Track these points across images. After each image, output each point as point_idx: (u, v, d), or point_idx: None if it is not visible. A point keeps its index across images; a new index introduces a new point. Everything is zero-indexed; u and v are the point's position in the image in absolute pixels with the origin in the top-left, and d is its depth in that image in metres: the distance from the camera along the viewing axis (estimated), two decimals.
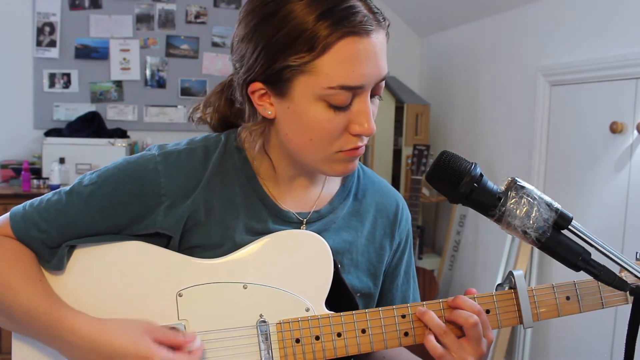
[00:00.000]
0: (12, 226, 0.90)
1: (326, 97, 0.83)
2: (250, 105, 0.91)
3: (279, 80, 0.84)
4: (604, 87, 2.35)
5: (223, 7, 3.90)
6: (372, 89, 0.86)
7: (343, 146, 0.87)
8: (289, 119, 0.87)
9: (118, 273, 0.90)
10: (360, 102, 0.85)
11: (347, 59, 0.81)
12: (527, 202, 0.78)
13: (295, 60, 0.81)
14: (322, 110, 0.84)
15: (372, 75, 0.84)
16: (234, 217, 0.93)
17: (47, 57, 3.67)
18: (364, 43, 0.82)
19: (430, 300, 0.93)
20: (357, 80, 0.82)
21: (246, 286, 0.90)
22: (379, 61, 0.84)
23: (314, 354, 0.89)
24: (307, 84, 0.83)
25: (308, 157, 0.89)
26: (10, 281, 0.86)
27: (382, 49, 0.85)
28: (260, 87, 0.87)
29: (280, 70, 0.83)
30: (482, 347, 0.89)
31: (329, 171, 0.91)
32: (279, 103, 0.87)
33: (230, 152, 0.96)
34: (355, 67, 0.81)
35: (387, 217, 1.06)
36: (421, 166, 3.24)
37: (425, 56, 4.18)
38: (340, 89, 0.82)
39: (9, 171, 3.48)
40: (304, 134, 0.86)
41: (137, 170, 0.91)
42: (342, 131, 0.86)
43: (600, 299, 0.94)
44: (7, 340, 2.90)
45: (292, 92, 0.84)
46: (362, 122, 0.85)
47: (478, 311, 0.89)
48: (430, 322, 0.90)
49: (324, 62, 0.81)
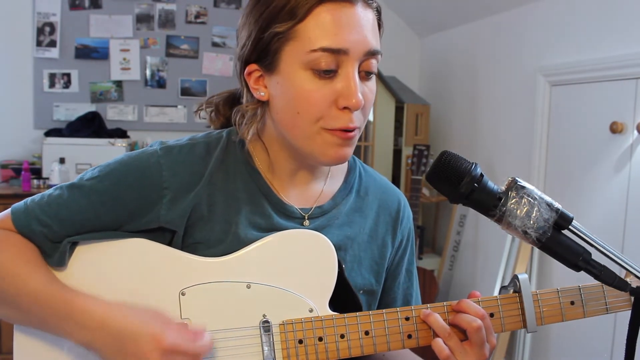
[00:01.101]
0: (13, 220, 0.90)
1: (311, 63, 0.85)
2: (248, 91, 0.94)
3: (268, 54, 0.87)
4: (604, 87, 2.36)
5: (223, 7, 3.90)
6: (361, 64, 0.87)
7: (330, 123, 0.87)
8: (279, 96, 0.89)
9: (120, 270, 0.90)
10: (345, 73, 0.86)
11: (328, 22, 0.84)
12: (527, 202, 0.78)
13: (279, 27, 0.85)
14: (308, 79, 0.85)
15: (355, 42, 0.85)
16: (237, 213, 0.93)
17: (47, 57, 3.67)
18: (346, 11, 0.85)
19: (435, 303, 0.93)
20: (339, 44, 0.84)
21: (249, 286, 0.90)
22: (363, 31, 0.86)
23: (317, 355, 0.89)
24: (292, 52, 0.85)
25: (297, 135, 0.89)
26: (16, 270, 0.86)
27: (368, 23, 0.87)
28: (255, 69, 0.90)
29: (268, 42, 0.86)
30: (485, 351, 0.89)
31: (320, 156, 0.90)
32: (270, 81, 0.90)
33: (232, 148, 0.97)
34: (336, 31, 0.84)
35: (389, 215, 1.06)
36: (421, 166, 3.24)
37: (425, 56, 4.18)
38: (323, 51, 0.84)
39: (9, 171, 3.48)
40: (291, 108, 0.88)
41: (139, 164, 0.92)
42: (330, 104, 0.86)
43: (605, 304, 0.94)
44: (8, 340, 2.90)
45: (280, 64, 0.87)
46: (348, 95, 0.85)
47: (482, 315, 0.89)
48: (435, 324, 0.90)
49: (306, 26, 0.84)
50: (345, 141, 0.89)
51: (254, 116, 0.94)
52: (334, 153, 0.89)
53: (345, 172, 1.05)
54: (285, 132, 0.92)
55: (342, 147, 0.89)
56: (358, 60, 0.86)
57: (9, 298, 0.86)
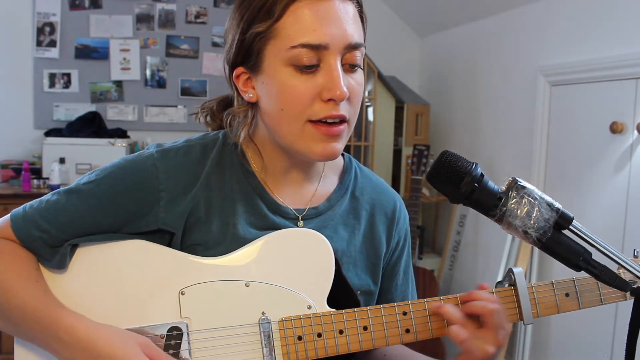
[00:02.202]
0: (12, 227, 0.91)
1: (292, 59, 0.85)
2: (238, 94, 0.95)
3: (252, 54, 0.88)
4: (604, 87, 2.36)
5: (223, 7, 3.91)
6: (344, 57, 0.87)
7: (314, 114, 0.87)
8: (264, 95, 0.90)
9: (120, 271, 0.90)
10: (327, 66, 0.86)
11: (307, 17, 0.84)
12: (528, 202, 0.78)
13: (259, 27, 0.86)
14: (291, 75, 0.86)
15: (334, 36, 0.85)
16: (234, 213, 0.94)
17: (47, 57, 3.67)
18: (324, 5, 0.85)
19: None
20: (318, 39, 0.84)
21: (248, 284, 0.90)
22: (343, 24, 0.86)
23: (316, 351, 0.89)
24: (273, 50, 0.86)
25: (284, 133, 0.90)
26: (7, 284, 0.86)
27: (347, 16, 0.87)
28: (242, 72, 0.92)
29: (251, 42, 0.87)
30: (500, 337, 0.88)
31: (307, 152, 0.90)
32: (257, 82, 0.90)
33: (228, 149, 0.97)
34: (314, 26, 0.84)
35: (385, 215, 1.06)
36: (421, 166, 3.24)
37: (425, 56, 4.18)
38: (302, 47, 0.84)
39: (9, 171, 3.48)
40: (276, 105, 0.88)
41: (136, 168, 0.92)
42: (313, 98, 0.86)
43: (599, 296, 0.95)
44: (8, 340, 2.91)
45: (264, 64, 0.88)
46: (331, 87, 0.85)
47: (494, 301, 0.90)
48: (448, 313, 0.90)
49: (285, 23, 0.85)
50: (332, 137, 0.88)
51: (245, 118, 0.94)
52: (321, 149, 0.89)
53: (340, 172, 1.05)
54: (273, 132, 0.92)
55: (329, 143, 0.89)
56: (339, 53, 0.86)
57: (1, 310, 0.87)
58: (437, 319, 0.92)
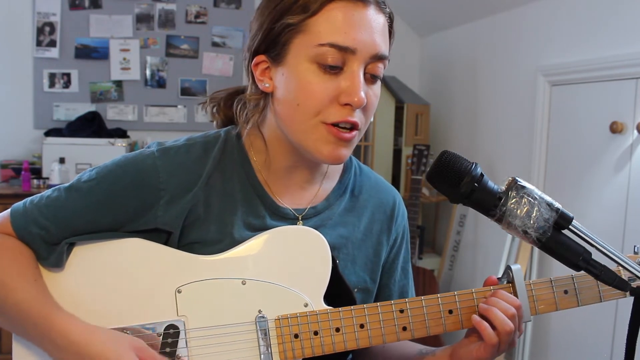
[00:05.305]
0: (12, 223, 0.91)
1: (317, 57, 0.85)
2: (253, 82, 0.95)
3: (277, 44, 0.88)
4: (604, 87, 2.35)
5: (223, 7, 3.90)
6: (367, 67, 0.87)
7: (330, 116, 0.87)
8: (282, 87, 0.90)
9: (117, 270, 0.90)
10: (350, 71, 0.86)
11: (339, 19, 0.85)
12: (527, 202, 0.78)
13: (291, 19, 0.86)
14: (313, 73, 0.86)
15: (364, 42, 0.86)
16: (233, 213, 0.94)
17: (47, 57, 3.67)
18: (358, 11, 0.86)
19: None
20: (347, 42, 0.85)
21: (245, 282, 0.91)
22: (373, 34, 0.87)
23: (313, 349, 0.89)
24: (301, 44, 0.86)
25: (294, 128, 0.90)
26: (4, 280, 0.86)
27: (379, 27, 0.88)
28: (262, 60, 0.91)
29: (279, 32, 0.87)
30: (515, 338, 0.89)
31: (315, 152, 0.90)
32: (276, 72, 0.90)
33: (229, 148, 0.97)
34: (346, 29, 0.85)
35: (384, 213, 1.06)
36: (421, 166, 3.23)
37: (425, 56, 4.18)
38: (330, 46, 0.85)
39: (9, 171, 3.48)
40: (292, 99, 0.88)
41: (136, 167, 0.92)
42: (331, 100, 0.87)
43: (598, 293, 0.95)
44: (8, 340, 2.90)
45: (288, 56, 0.88)
46: (351, 92, 0.86)
47: (517, 305, 0.90)
48: (498, 304, 0.89)
49: (317, 21, 0.85)
50: (341, 141, 0.88)
51: (256, 107, 0.94)
52: (328, 151, 0.89)
53: (340, 171, 1.05)
54: (283, 125, 0.92)
55: (338, 147, 0.89)
56: (364, 62, 0.87)
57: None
58: (434, 317, 0.92)
